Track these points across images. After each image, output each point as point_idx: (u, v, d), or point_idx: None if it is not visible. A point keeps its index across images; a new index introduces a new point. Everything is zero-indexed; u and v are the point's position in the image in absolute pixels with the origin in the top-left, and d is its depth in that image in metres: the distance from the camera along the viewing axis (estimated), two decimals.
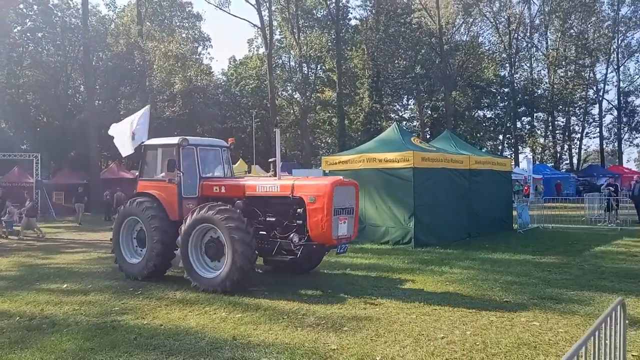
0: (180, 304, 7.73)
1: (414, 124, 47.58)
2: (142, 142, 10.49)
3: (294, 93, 50.72)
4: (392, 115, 46.26)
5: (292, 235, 8.30)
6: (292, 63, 50.10)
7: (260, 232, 8.78)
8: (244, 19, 67.28)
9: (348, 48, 43.10)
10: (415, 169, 13.36)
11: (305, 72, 47.86)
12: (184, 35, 48.29)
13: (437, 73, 40.87)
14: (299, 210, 8.38)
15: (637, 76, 51.97)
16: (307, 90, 45.63)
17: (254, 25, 43.41)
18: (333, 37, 42.10)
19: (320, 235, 8.14)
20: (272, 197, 8.82)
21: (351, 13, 44.37)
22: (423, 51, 40.46)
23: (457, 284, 8.78)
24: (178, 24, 48.86)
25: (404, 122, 45.77)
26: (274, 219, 8.76)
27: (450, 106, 42.36)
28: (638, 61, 51.69)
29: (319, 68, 48.63)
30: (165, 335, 6.23)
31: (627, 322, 3.27)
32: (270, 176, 9.59)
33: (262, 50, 46.97)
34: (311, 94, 46.75)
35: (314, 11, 44.62)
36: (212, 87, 50.41)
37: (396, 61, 41.27)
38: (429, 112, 45.93)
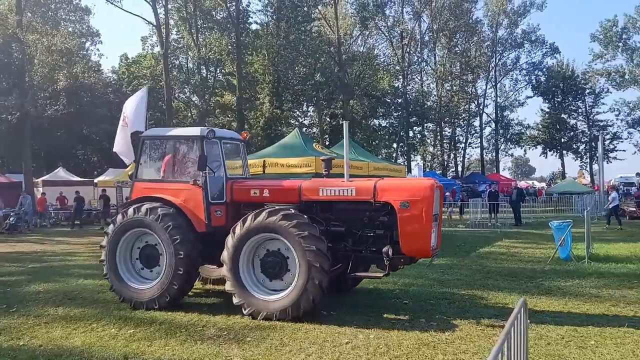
0: (62, 321, 6.98)
1: (314, 130, 48.31)
2: (139, 133, 8.35)
3: (192, 95, 49.11)
4: (293, 121, 46.55)
5: (385, 248, 6.74)
6: (190, 64, 48.51)
7: None
8: (138, 16, 63.99)
9: (249, 52, 42.65)
10: (317, 174, 13.41)
11: (204, 74, 46.58)
12: (70, 29, 44.71)
13: (336, 81, 41.86)
14: (383, 217, 7.02)
15: (512, 92, 57.41)
16: (206, 94, 44.41)
17: (149, 23, 41.35)
18: (233, 40, 41.42)
19: (416, 247, 6.79)
20: (343, 202, 7.26)
21: (252, 17, 43.90)
22: (323, 59, 41.22)
23: (357, 289, 8.88)
24: (64, 16, 45.16)
25: (304, 129, 46.27)
26: (342, 229, 7.24)
27: (348, 114, 43.61)
28: (512, 79, 57.16)
29: (218, 71, 47.59)
30: (45, 357, 5.56)
31: (528, 321, 3.41)
32: (324, 177, 7.94)
33: (157, 49, 44.91)
34: (210, 97, 45.58)
35: (214, 12, 43.61)
36: (101, 85, 47.26)
37: (296, 68, 41.62)
38: (328, 119, 46.90)
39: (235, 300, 6.98)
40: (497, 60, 55.35)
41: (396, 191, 6.93)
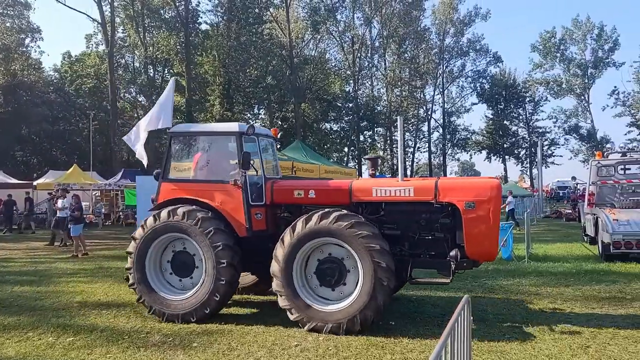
0: None
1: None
2: (168, 129, 7.64)
3: (138, 96, 47.73)
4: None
5: (453, 252, 6.33)
6: (137, 64, 47.16)
7: None
8: (82, 13, 61.65)
9: (198, 53, 41.92)
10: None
11: (151, 74, 45.40)
12: (8, 24, 42.50)
13: (288, 85, 41.86)
14: (444, 219, 6.55)
15: (458, 99, 59.30)
16: (153, 94, 43.29)
17: (94, 20, 39.94)
18: (182, 40, 40.59)
19: (482, 251, 6.36)
20: (399, 203, 6.74)
21: (201, 17, 43.17)
22: (274, 62, 41.12)
23: None
24: (1, 11, 42.84)
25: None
26: (398, 232, 6.73)
27: (300, 117, 43.67)
28: (459, 86, 59.07)
29: (166, 71, 46.49)
30: None
31: (471, 318, 3.49)
32: (370, 176, 7.46)
33: (102, 47, 43.41)
34: (157, 98, 44.48)
35: (162, 11, 42.60)
36: (41, 84, 45.13)
37: (248, 70, 41.29)
38: (280, 122, 46.79)
39: (292, 316, 6.34)
40: (444, 68, 57.05)
41: (460, 191, 6.46)
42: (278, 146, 9.23)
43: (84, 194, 25.06)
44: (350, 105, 50.32)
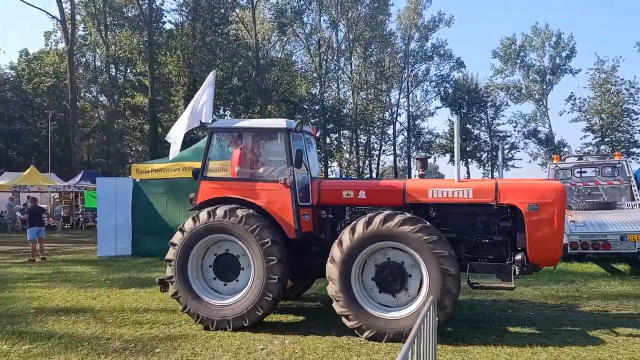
0: None
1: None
2: (207, 124, 7.26)
3: (99, 95, 46.50)
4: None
5: (519, 255, 6.14)
6: (98, 63, 45.93)
7: None
8: (41, 9, 59.59)
9: (162, 52, 41.16)
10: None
11: (113, 73, 44.29)
12: None
13: (254, 86, 41.61)
14: (503, 222, 6.35)
15: (423, 103, 60.24)
16: (115, 94, 42.26)
17: (53, 17, 38.70)
18: (145, 39, 39.78)
19: (546, 255, 6.19)
20: (456, 205, 6.52)
21: (166, 16, 42.41)
22: (240, 63, 40.79)
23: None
24: None
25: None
26: (454, 235, 6.46)
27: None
28: (423, 90, 60.01)
29: (129, 71, 45.46)
30: None
31: (437, 318, 3.53)
32: (420, 177, 7.29)
33: (61, 45, 42.09)
34: (119, 98, 43.40)
35: (124, 9, 41.65)
36: None
37: (213, 71, 40.86)
38: None
39: (350, 323, 6.05)
40: (409, 72, 57.80)
41: (523, 192, 6.26)
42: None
43: (41, 197, 24.20)
44: (317, 107, 50.40)
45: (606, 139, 47.25)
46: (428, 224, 5.99)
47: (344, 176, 44.15)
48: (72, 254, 15.68)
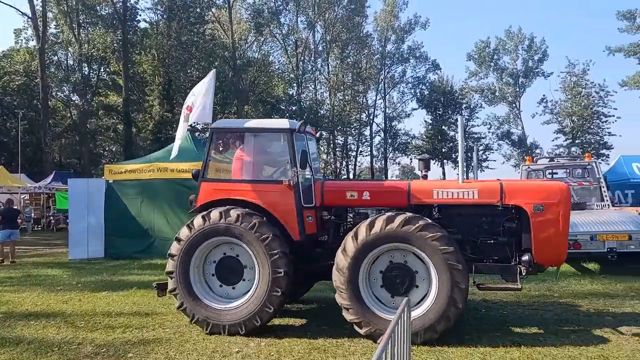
0: None
1: (207, 135, 47.21)
2: (207, 125, 7.18)
3: (71, 95, 45.53)
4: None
5: (525, 256, 6.14)
6: (71, 61, 45.01)
7: None
8: (11, 6, 57.93)
9: (136, 51, 40.55)
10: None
11: (86, 72, 43.45)
12: None
13: (230, 86, 41.33)
14: (508, 223, 6.37)
15: (399, 104, 60.73)
16: (88, 93, 41.46)
17: (23, 14, 37.79)
18: (119, 37, 39.14)
19: (551, 255, 6.24)
20: (461, 205, 6.52)
21: (140, 15, 41.91)
22: (217, 63, 40.45)
23: None
24: None
25: (197, 133, 45.07)
26: (459, 236, 6.41)
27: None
28: (400, 91, 60.49)
29: (102, 70, 44.65)
30: None
31: (411, 320, 3.55)
32: (422, 177, 7.23)
33: (32, 43, 41.12)
34: (92, 97, 42.59)
35: (98, 7, 40.90)
36: None
37: (189, 70, 40.39)
38: None
39: (350, 317, 6.04)
40: (385, 73, 58.20)
41: (528, 193, 6.30)
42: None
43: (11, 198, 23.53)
44: (294, 108, 50.32)
45: (577, 141, 48.41)
46: (443, 231, 5.93)
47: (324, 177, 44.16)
48: (43, 256, 15.31)
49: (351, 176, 59.34)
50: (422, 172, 7.51)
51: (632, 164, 20.96)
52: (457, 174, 6.97)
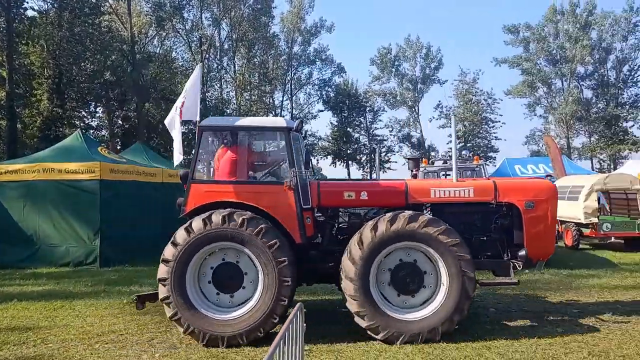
0: None
1: (103, 133, 44.43)
2: (195, 122, 6.64)
3: None
4: (78, 122, 42.02)
5: (522, 251, 6.35)
6: None
7: None
8: None
9: (23, 42, 37.14)
10: (102, 182, 12.31)
11: None
12: None
13: (129, 82, 39.23)
14: (501, 220, 6.59)
15: (306, 106, 61.41)
16: None
17: None
18: (3, 25, 35.63)
19: (542, 250, 6.52)
20: (457, 204, 6.61)
21: (27, 2, 38.40)
22: (114, 57, 38.21)
23: (147, 303, 8.31)
24: None
25: (92, 131, 42.20)
26: None
27: (143, 118, 41.31)
28: (306, 93, 61.20)
29: None
30: None
31: (304, 324, 3.56)
32: (413, 176, 7.05)
33: None
34: None
35: None
36: None
37: (83, 64, 37.73)
38: (120, 122, 43.65)
39: (365, 323, 5.95)
40: (292, 74, 58.65)
41: (520, 191, 6.60)
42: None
43: None
44: (199, 107, 48.90)
45: (468, 145, 52.09)
46: (449, 226, 6.08)
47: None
48: None
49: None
50: (412, 171, 7.60)
51: (514, 166, 22.99)
52: (362, 174, 7.23)
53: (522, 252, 6.43)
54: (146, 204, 13.99)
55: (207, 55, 50.15)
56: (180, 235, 6.03)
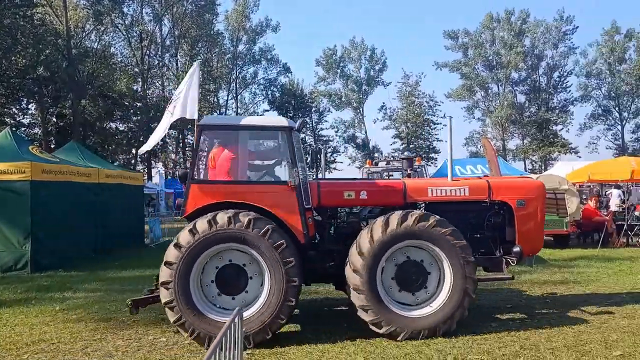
0: None
1: (36, 131, 42.18)
2: (192, 120, 6.39)
3: None
4: (8, 120, 39.63)
5: (517, 248, 6.53)
6: None
7: None
8: None
9: None
10: (33, 182, 11.67)
11: None
12: None
13: (64, 78, 37.44)
14: (494, 217, 6.80)
15: (251, 105, 60.94)
16: None
17: None
18: None
19: (532, 246, 6.80)
20: (453, 202, 6.75)
21: None
22: (48, 51, 36.33)
23: (81, 310, 7.99)
24: None
25: (23, 129, 39.96)
26: None
27: (79, 115, 39.56)
28: (252, 92, 60.75)
29: None
30: None
31: (243, 329, 3.52)
32: (407, 176, 7.27)
33: None
34: None
35: None
36: None
37: (13, 58, 35.62)
38: (54, 119, 41.59)
39: (369, 318, 5.98)
40: (237, 73, 58.02)
41: (512, 190, 6.85)
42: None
43: None
44: (139, 105, 47.44)
45: (411, 146, 53.44)
46: (453, 227, 6.18)
47: (168, 179, 42.32)
48: None
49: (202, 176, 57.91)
50: (406, 170, 8.02)
51: (454, 167, 23.70)
52: (309, 174, 7.32)
53: (517, 249, 6.63)
54: (81, 206, 13.45)
55: (148, 52, 48.75)
56: (184, 237, 5.85)
